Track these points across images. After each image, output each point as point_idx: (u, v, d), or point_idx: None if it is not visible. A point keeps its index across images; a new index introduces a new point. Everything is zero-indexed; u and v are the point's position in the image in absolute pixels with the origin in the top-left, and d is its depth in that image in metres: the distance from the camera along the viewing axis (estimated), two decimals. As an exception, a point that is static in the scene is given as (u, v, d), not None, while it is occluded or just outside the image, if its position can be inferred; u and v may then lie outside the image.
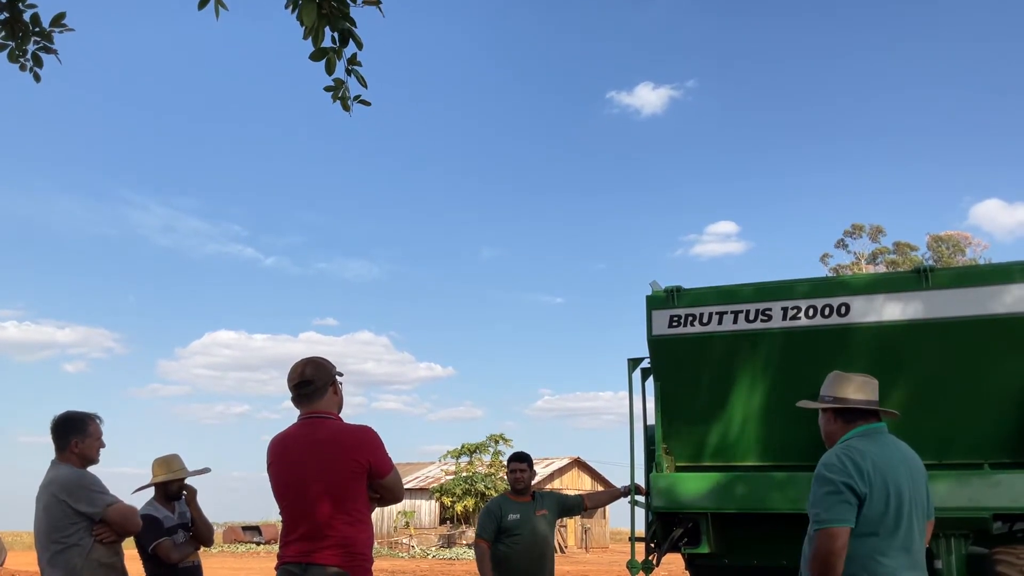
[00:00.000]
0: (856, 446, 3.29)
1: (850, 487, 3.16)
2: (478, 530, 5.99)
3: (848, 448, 3.28)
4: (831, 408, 3.46)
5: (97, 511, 4.23)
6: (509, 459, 6.21)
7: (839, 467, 3.20)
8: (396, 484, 3.63)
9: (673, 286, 7.24)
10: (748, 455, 7.14)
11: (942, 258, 47.12)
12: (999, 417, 6.40)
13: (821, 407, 3.50)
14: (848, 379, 3.48)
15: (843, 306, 6.67)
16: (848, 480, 3.16)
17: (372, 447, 3.50)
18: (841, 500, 3.16)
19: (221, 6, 3.91)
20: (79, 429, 4.38)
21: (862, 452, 3.24)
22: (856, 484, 3.16)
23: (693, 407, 7.26)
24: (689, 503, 7.03)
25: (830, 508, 3.16)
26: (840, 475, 3.18)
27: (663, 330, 7.20)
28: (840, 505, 3.15)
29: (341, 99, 4.22)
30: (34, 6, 4.59)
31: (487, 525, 5.90)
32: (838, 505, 3.16)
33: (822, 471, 3.24)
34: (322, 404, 3.58)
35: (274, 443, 3.61)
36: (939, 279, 6.51)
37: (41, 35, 4.62)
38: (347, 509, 3.42)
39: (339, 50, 4.03)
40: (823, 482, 3.21)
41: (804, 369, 6.64)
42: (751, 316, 6.94)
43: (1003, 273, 6.38)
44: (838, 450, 3.29)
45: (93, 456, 4.44)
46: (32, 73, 4.70)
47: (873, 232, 50.32)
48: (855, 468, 3.18)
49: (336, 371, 3.68)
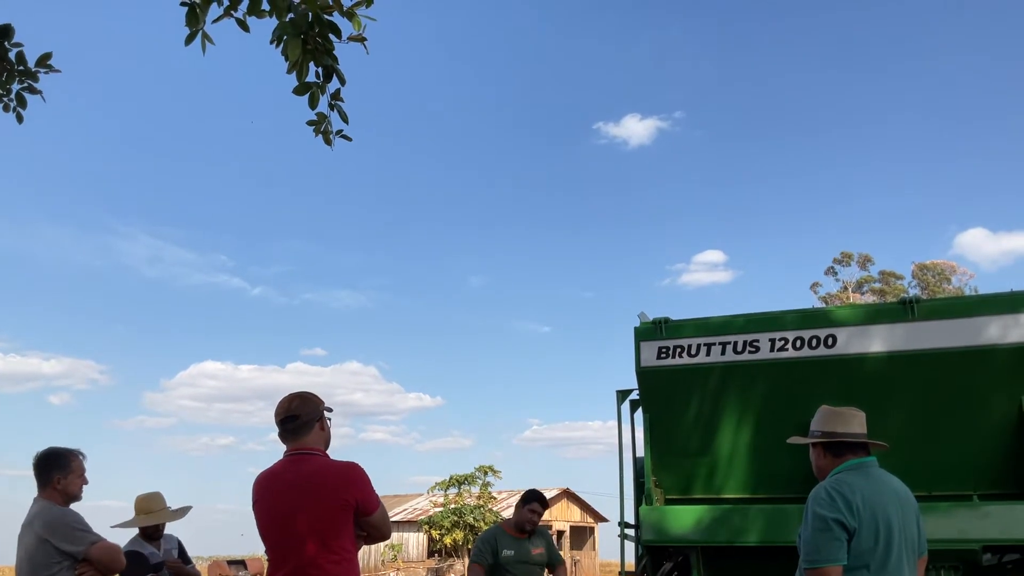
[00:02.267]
0: (846, 480, 3.31)
1: (840, 523, 3.17)
2: (473, 555, 5.85)
3: (838, 483, 3.30)
4: (820, 443, 3.47)
5: (80, 550, 4.17)
6: (530, 496, 5.94)
7: (828, 503, 3.21)
8: (383, 522, 3.59)
9: (661, 318, 7.25)
10: (738, 487, 7.12)
11: (928, 287, 47.37)
12: (987, 448, 6.40)
13: (811, 442, 3.51)
14: (837, 413, 3.50)
15: (830, 337, 6.68)
16: (838, 516, 3.17)
17: (358, 485, 3.46)
18: (832, 538, 3.16)
19: (208, 41, 3.92)
20: (61, 466, 4.33)
21: (851, 486, 3.26)
22: (846, 519, 3.17)
23: (682, 439, 7.24)
24: (679, 536, 6.99)
25: (821, 547, 3.17)
26: (829, 511, 3.19)
27: (651, 362, 7.19)
28: (832, 544, 3.16)
29: (324, 133, 4.23)
30: (19, 45, 4.55)
31: (484, 551, 5.80)
32: (830, 544, 3.16)
33: (813, 507, 3.25)
34: (308, 440, 3.54)
35: (259, 480, 3.57)
36: (924, 310, 6.54)
37: (26, 74, 4.58)
38: (333, 548, 3.37)
39: (323, 85, 4.05)
40: (814, 518, 3.22)
41: (793, 401, 6.65)
42: (739, 348, 6.95)
43: (989, 304, 6.42)
44: (828, 484, 3.31)
45: (76, 493, 4.39)
46: (15, 114, 4.65)
47: (862, 260, 50.60)
48: (844, 503, 3.20)
49: (324, 407, 3.64)
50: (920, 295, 7.34)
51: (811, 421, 3.56)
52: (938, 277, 48.71)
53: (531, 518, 5.88)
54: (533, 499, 5.91)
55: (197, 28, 3.84)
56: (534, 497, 5.93)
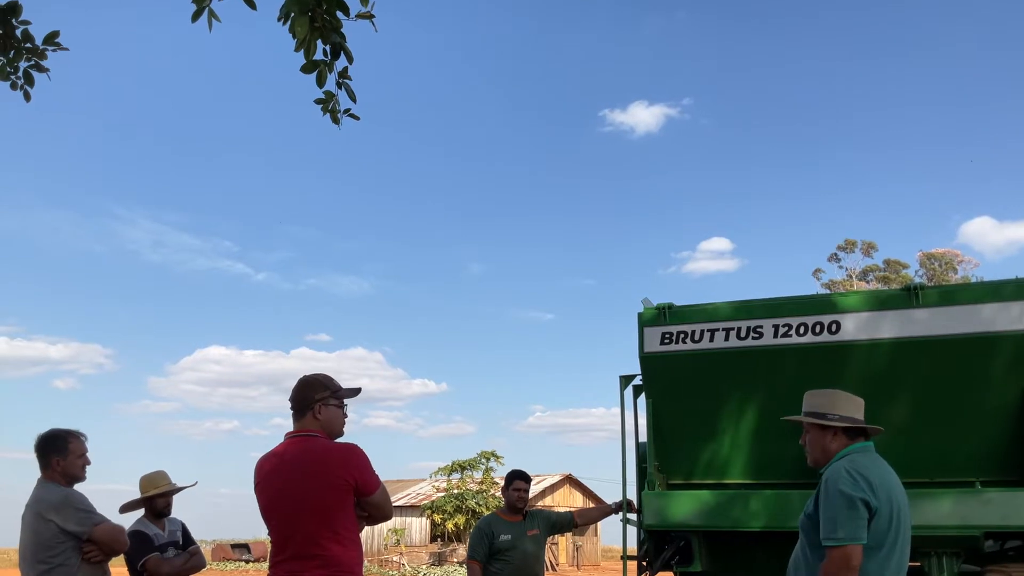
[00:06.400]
0: (862, 462, 3.30)
1: (865, 502, 3.17)
2: (470, 551, 5.92)
3: (854, 463, 3.28)
4: (840, 427, 3.42)
5: (84, 530, 4.19)
6: (510, 477, 6.06)
7: (851, 482, 3.19)
8: (383, 502, 3.59)
9: (665, 303, 7.25)
10: (740, 473, 7.13)
11: (934, 276, 47.26)
12: (990, 435, 6.40)
13: (840, 425, 3.42)
14: (849, 398, 3.48)
15: (834, 324, 6.67)
16: (864, 495, 3.17)
17: (358, 465, 3.47)
18: (857, 516, 3.15)
19: (214, 18, 3.91)
20: (59, 448, 4.32)
21: (868, 468, 3.26)
22: (870, 499, 3.17)
23: (685, 425, 7.25)
24: (681, 521, 7.01)
25: (845, 524, 3.15)
26: (855, 490, 3.18)
27: (655, 347, 7.19)
28: (857, 522, 3.15)
29: (331, 112, 4.22)
30: (27, 23, 4.52)
31: (478, 546, 5.83)
32: (854, 521, 3.15)
33: (837, 486, 3.21)
34: (307, 423, 3.56)
35: (260, 463, 3.58)
36: (929, 297, 6.52)
37: (33, 52, 4.57)
38: (334, 528, 3.39)
39: (330, 63, 4.03)
40: (839, 497, 3.19)
41: (796, 387, 6.62)
42: (743, 334, 6.94)
43: (992, 291, 6.40)
44: (846, 465, 3.28)
45: (77, 474, 4.39)
46: (23, 91, 4.64)
47: (865, 248, 50.50)
48: (866, 484, 3.19)
49: (326, 392, 3.60)
50: (925, 283, 7.35)
51: (813, 402, 3.51)
52: (944, 266, 48.61)
53: (519, 496, 5.96)
54: (515, 477, 6.04)
55: (204, 5, 3.83)
56: (516, 475, 6.05)
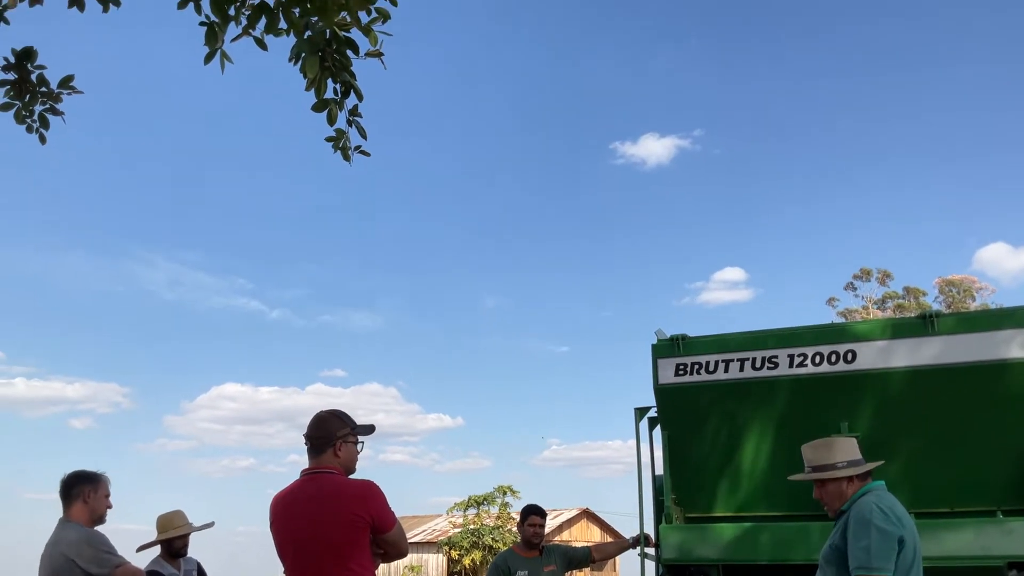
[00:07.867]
0: (886, 498, 3.43)
1: (900, 538, 3.28)
2: None
3: (881, 498, 3.41)
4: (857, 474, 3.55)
5: (105, 572, 4.20)
6: (525, 512, 6.02)
7: (885, 517, 3.31)
8: (400, 539, 3.57)
9: (678, 334, 7.22)
10: (758, 505, 7.05)
11: (953, 302, 46.96)
12: (1011, 463, 6.31)
13: (856, 472, 3.54)
14: (846, 441, 3.66)
15: (849, 352, 6.63)
16: (899, 530, 3.29)
17: (374, 502, 3.45)
18: (891, 549, 3.26)
19: (227, 59, 3.97)
20: (91, 479, 4.42)
21: (893, 504, 3.39)
22: (904, 534, 3.29)
23: (701, 456, 7.19)
24: (699, 555, 6.94)
25: (879, 556, 3.25)
26: (889, 525, 3.29)
27: (669, 379, 7.16)
28: (890, 554, 3.25)
29: (342, 149, 4.26)
30: (43, 67, 4.59)
31: None
32: (889, 554, 3.25)
33: (873, 521, 3.31)
34: (324, 459, 3.55)
35: (275, 500, 3.58)
36: (945, 325, 6.47)
37: (48, 96, 4.64)
38: (350, 566, 3.37)
39: (341, 101, 4.08)
40: (875, 531, 3.28)
41: (812, 417, 6.61)
42: (757, 364, 6.90)
43: (1010, 318, 6.35)
44: (874, 500, 3.40)
45: (102, 514, 4.45)
46: (38, 135, 4.69)
47: (881, 276, 50.27)
48: (896, 519, 3.32)
49: (346, 428, 3.59)
50: (943, 311, 7.33)
51: (816, 456, 3.62)
52: (963, 293, 48.32)
53: (534, 531, 5.94)
54: (530, 513, 6.02)
55: (216, 47, 3.88)
56: (531, 511, 6.02)
